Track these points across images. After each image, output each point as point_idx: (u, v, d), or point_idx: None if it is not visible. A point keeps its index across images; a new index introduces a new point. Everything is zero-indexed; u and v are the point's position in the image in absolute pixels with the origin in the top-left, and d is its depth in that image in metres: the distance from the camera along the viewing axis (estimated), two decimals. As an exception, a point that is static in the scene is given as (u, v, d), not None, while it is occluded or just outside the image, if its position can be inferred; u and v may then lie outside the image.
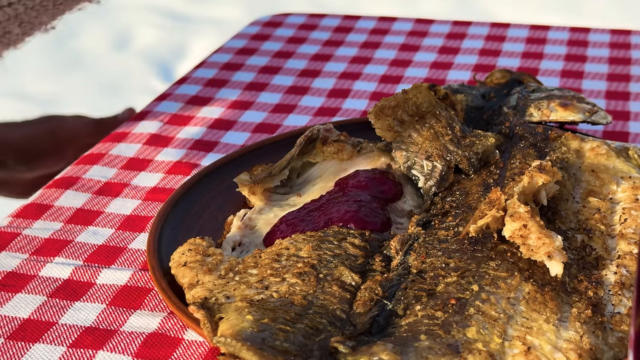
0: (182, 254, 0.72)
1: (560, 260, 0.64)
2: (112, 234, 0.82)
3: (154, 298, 0.73)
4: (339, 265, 0.69)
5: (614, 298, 0.66)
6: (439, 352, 0.59)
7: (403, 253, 0.70)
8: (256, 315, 0.63)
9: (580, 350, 0.61)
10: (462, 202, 0.77)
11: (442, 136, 0.82)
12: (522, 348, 0.60)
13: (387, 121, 0.82)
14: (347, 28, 1.27)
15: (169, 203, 0.79)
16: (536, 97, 0.90)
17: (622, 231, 0.73)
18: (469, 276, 0.66)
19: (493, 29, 1.25)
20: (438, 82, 1.11)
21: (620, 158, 0.81)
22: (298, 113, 1.04)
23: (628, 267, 0.69)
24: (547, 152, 0.82)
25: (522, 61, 1.16)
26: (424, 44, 1.22)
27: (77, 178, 0.91)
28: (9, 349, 0.68)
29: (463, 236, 0.70)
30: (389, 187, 0.79)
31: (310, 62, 1.18)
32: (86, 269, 0.77)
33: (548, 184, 0.72)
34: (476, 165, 0.81)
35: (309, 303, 0.65)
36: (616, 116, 1.01)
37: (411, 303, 0.65)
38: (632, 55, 1.16)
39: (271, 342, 0.60)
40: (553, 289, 0.65)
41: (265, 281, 0.68)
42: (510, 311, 0.63)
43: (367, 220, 0.74)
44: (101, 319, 0.71)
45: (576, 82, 1.10)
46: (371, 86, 1.11)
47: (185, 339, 0.69)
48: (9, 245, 0.80)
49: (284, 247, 0.71)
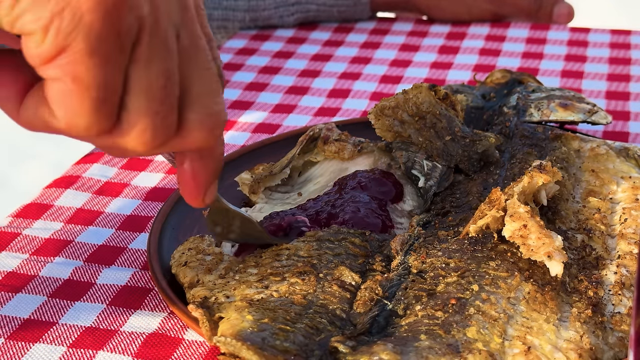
0: (182, 253, 0.72)
1: (560, 260, 0.64)
2: (112, 234, 0.82)
3: (154, 298, 0.73)
4: (339, 265, 0.69)
5: (614, 298, 0.66)
6: (439, 352, 0.59)
7: (403, 253, 0.70)
8: (256, 315, 0.63)
9: (580, 350, 0.61)
10: (462, 202, 0.77)
11: (442, 136, 0.82)
12: (522, 348, 0.60)
13: (387, 121, 0.82)
14: (347, 28, 1.27)
15: (169, 203, 0.79)
16: (536, 97, 0.90)
17: (622, 231, 0.73)
18: (469, 276, 0.66)
19: (493, 29, 1.25)
20: (438, 82, 1.11)
21: (620, 158, 0.81)
22: (298, 113, 1.04)
23: (628, 267, 0.69)
24: (547, 152, 0.82)
25: (522, 61, 1.16)
26: (424, 44, 1.22)
27: (77, 177, 0.91)
28: (9, 349, 0.68)
29: (463, 236, 0.70)
30: (390, 187, 0.79)
31: (310, 62, 1.18)
32: (86, 269, 0.77)
33: (548, 184, 0.72)
34: (476, 165, 0.81)
35: (309, 303, 0.65)
36: (616, 116, 1.01)
37: (411, 303, 0.65)
38: (632, 55, 1.16)
39: (271, 342, 0.60)
40: (553, 288, 0.65)
41: (265, 281, 0.68)
42: (510, 311, 0.63)
43: (368, 221, 0.74)
44: (101, 319, 0.71)
45: (576, 82, 1.10)
46: (371, 86, 1.11)
47: (186, 339, 0.69)
48: (9, 245, 0.80)
49: (284, 247, 0.71)
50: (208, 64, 0.55)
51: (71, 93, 0.50)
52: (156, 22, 0.51)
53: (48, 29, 0.48)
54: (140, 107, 0.52)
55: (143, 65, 0.51)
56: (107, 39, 0.49)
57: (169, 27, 0.52)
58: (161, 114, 0.52)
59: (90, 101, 0.50)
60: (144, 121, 0.52)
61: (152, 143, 0.53)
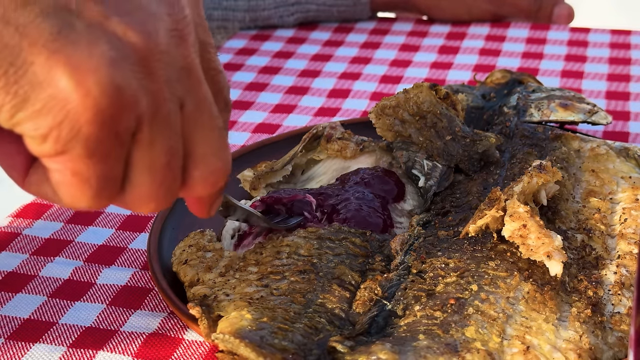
0: (183, 250, 0.72)
1: (559, 260, 0.64)
2: (112, 234, 0.82)
3: (154, 298, 0.74)
4: (339, 264, 0.69)
5: (614, 298, 0.66)
6: (437, 351, 0.59)
7: (403, 253, 0.70)
8: (255, 314, 0.63)
9: (579, 350, 0.61)
10: (462, 202, 0.77)
11: (442, 136, 0.82)
12: (521, 347, 0.60)
13: (388, 120, 0.82)
14: (347, 28, 1.27)
15: (169, 203, 0.79)
16: (536, 97, 0.90)
17: (622, 231, 0.73)
18: (469, 276, 0.66)
19: (493, 29, 1.25)
20: (438, 82, 1.11)
21: (620, 158, 0.81)
22: (298, 113, 1.04)
23: (628, 267, 0.69)
24: (547, 152, 0.82)
25: (522, 61, 1.16)
26: (424, 44, 1.22)
27: (77, 178, 0.91)
28: (9, 349, 0.68)
29: (463, 236, 0.70)
30: (392, 186, 0.79)
31: (310, 62, 1.18)
32: (86, 269, 0.77)
33: (548, 184, 0.72)
34: (476, 165, 0.81)
35: (309, 301, 0.65)
36: (616, 116, 1.01)
37: (410, 303, 0.65)
38: (632, 55, 1.16)
39: (270, 340, 0.60)
40: (552, 288, 0.65)
41: (265, 279, 0.68)
42: (509, 311, 0.63)
43: (370, 220, 0.75)
44: (101, 319, 0.71)
45: (576, 82, 1.10)
46: (371, 86, 1.11)
47: (186, 339, 0.69)
48: (9, 245, 0.80)
49: (285, 245, 0.71)
50: (213, 124, 0.55)
51: (71, 184, 0.51)
52: (157, 108, 0.51)
53: (47, 138, 0.49)
54: (144, 182, 0.53)
55: (146, 147, 0.52)
56: (106, 142, 0.50)
57: (172, 105, 0.52)
58: (164, 186, 0.53)
59: (91, 190, 0.51)
60: (147, 193, 0.53)
61: (156, 208, 0.54)
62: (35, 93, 0.48)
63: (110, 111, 0.49)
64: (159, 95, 0.51)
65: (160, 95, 0.51)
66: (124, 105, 0.49)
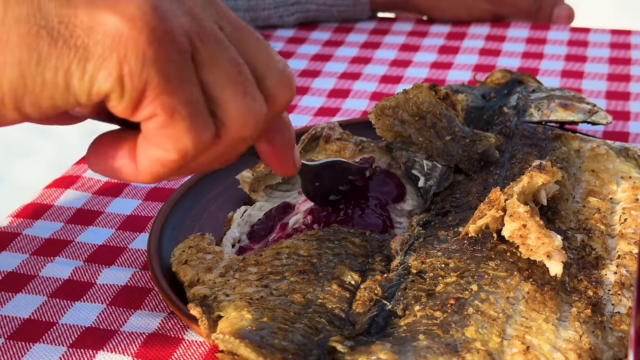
0: (182, 251, 0.72)
1: (559, 260, 0.64)
2: (112, 234, 0.82)
3: (154, 298, 0.74)
4: (338, 265, 0.69)
5: (614, 298, 0.66)
6: (437, 351, 0.59)
7: (403, 253, 0.70)
8: (255, 314, 0.63)
9: (579, 350, 0.61)
10: (462, 202, 0.77)
11: (442, 136, 0.82)
12: (521, 347, 0.60)
13: (387, 121, 0.82)
14: (348, 28, 1.27)
15: (169, 203, 0.79)
16: (536, 97, 0.90)
17: (622, 231, 0.73)
18: (468, 276, 0.66)
19: (493, 29, 1.25)
20: (438, 82, 1.11)
21: (620, 158, 0.81)
22: (298, 113, 1.04)
23: (628, 267, 0.69)
24: (547, 152, 0.82)
25: (522, 61, 1.16)
26: (424, 44, 1.22)
27: (78, 177, 0.91)
28: (9, 349, 0.68)
29: (463, 236, 0.70)
30: (392, 187, 0.79)
31: (310, 62, 1.18)
32: (86, 269, 0.77)
33: (548, 184, 0.72)
34: (476, 165, 0.81)
35: (308, 302, 0.65)
36: (616, 116, 1.01)
37: (410, 303, 0.65)
38: (632, 55, 1.16)
39: (270, 341, 0.60)
40: (552, 288, 0.65)
41: (265, 279, 0.68)
42: (509, 311, 0.63)
43: (369, 221, 0.75)
44: (101, 319, 0.71)
45: (576, 82, 1.10)
46: (371, 86, 1.11)
47: (186, 339, 0.69)
48: (9, 245, 0.80)
49: (285, 246, 0.71)
50: (255, 35, 0.58)
51: (165, 122, 0.53)
52: (200, 26, 0.54)
53: (122, 78, 0.51)
54: (230, 98, 0.55)
55: (210, 65, 0.54)
56: (173, 61, 0.52)
57: (211, 24, 0.55)
58: (249, 94, 0.55)
59: (185, 120, 0.53)
60: (238, 108, 0.55)
61: (255, 125, 0.56)
62: (90, 38, 0.51)
63: (161, 27, 0.52)
64: (196, 15, 0.54)
65: (197, 15, 0.54)
66: (169, 21, 0.52)
